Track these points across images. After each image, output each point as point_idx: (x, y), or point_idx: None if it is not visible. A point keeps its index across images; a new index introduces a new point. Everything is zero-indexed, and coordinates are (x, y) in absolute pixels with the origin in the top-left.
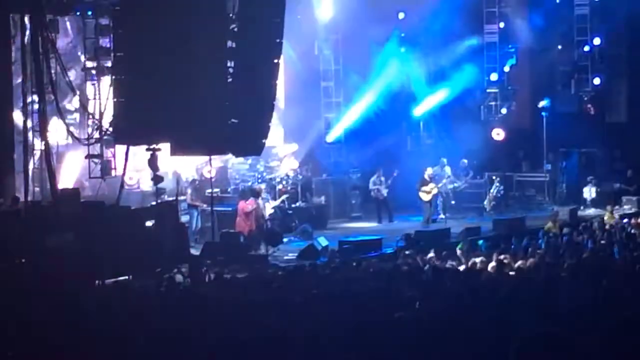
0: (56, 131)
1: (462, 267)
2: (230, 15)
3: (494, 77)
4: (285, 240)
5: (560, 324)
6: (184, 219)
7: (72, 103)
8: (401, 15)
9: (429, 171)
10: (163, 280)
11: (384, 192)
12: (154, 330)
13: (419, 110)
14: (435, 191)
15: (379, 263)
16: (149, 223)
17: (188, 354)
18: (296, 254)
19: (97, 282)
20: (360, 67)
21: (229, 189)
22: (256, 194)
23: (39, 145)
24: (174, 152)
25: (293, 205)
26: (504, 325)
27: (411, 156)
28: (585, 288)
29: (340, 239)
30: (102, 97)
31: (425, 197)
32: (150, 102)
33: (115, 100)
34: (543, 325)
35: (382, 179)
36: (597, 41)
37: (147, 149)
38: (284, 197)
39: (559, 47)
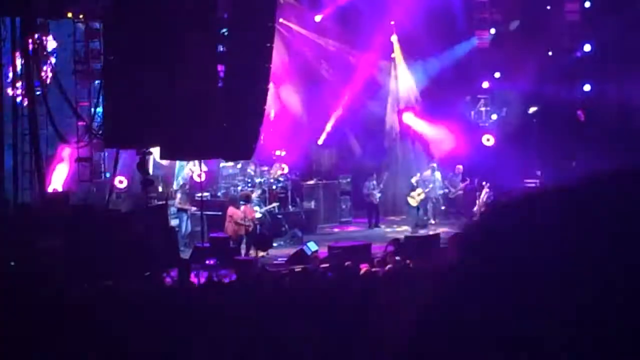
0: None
1: None
2: (221, 19)
3: (485, 84)
4: (274, 244)
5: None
6: (174, 222)
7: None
8: (392, 22)
9: (416, 177)
10: (152, 284)
11: (377, 196)
12: (142, 334)
13: (409, 116)
14: (422, 196)
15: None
16: (138, 227)
17: (176, 357)
18: (285, 259)
19: (85, 285)
20: (349, 71)
21: (219, 193)
22: (247, 199)
23: (28, 148)
24: (163, 156)
25: (283, 210)
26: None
27: (402, 161)
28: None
29: (329, 244)
30: (92, 100)
31: (413, 202)
32: (141, 106)
33: (105, 103)
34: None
35: (375, 182)
36: (587, 47)
37: (137, 153)
38: (274, 204)
39: (550, 53)
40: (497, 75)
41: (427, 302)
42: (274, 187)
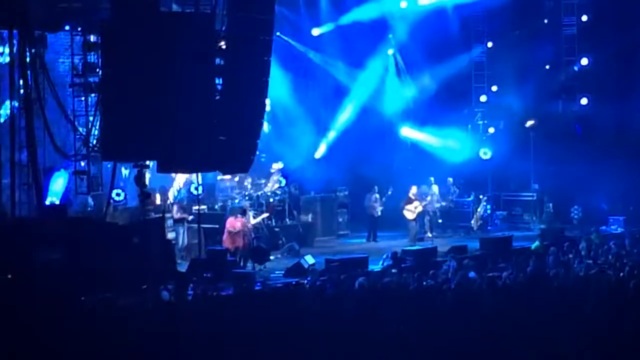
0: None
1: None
2: (219, 32)
3: (483, 98)
4: (272, 257)
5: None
6: (171, 236)
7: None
8: (390, 35)
9: (413, 190)
10: (149, 297)
11: (379, 210)
12: (139, 348)
13: (407, 129)
14: (420, 209)
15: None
16: (135, 240)
17: None
18: (283, 272)
19: (83, 298)
20: (348, 84)
21: (216, 206)
22: (244, 211)
23: (26, 160)
24: (161, 169)
25: (280, 223)
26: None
27: (399, 175)
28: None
29: (327, 257)
30: (90, 113)
31: (410, 216)
32: (138, 119)
33: (102, 116)
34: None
35: (377, 196)
36: (584, 61)
37: (135, 166)
38: (264, 215)
39: (547, 66)
40: (494, 88)
41: None
42: (271, 200)
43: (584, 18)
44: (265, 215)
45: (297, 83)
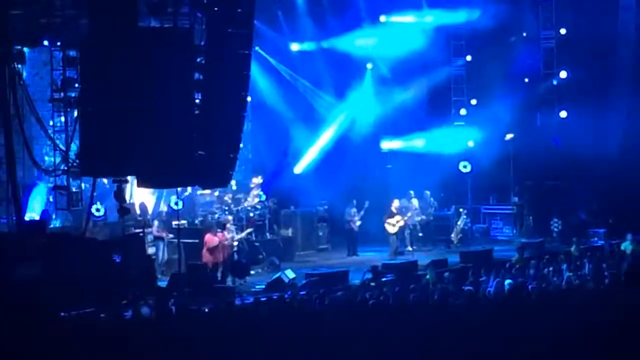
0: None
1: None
2: (198, 47)
3: (462, 111)
4: (252, 272)
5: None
6: (151, 251)
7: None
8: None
9: (395, 204)
10: (129, 313)
11: (357, 224)
12: None
13: (387, 143)
14: (401, 224)
15: (345, 295)
16: (115, 255)
17: None
18: (263, 286)
19: (62, 313)
20: (329, 99)
21: (196, 221)
22: (223, 226)
23: (5, 177)
24: (140, 183)
25: (260, 238)
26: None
27: (379, 188)
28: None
29: (307, 272)
30: (69, 128)
31: (391, 230)
32: (117, 134)
33: (81, 131)
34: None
35: (355, 210)
36: (563, 74)
37: (114, 181)
38: (249, 230)
39: (526, 80)
40: (473, 102)
41: None
42: (251, 214)
43: (563, 31)
44: (250, 230)
45: (278, 95)
